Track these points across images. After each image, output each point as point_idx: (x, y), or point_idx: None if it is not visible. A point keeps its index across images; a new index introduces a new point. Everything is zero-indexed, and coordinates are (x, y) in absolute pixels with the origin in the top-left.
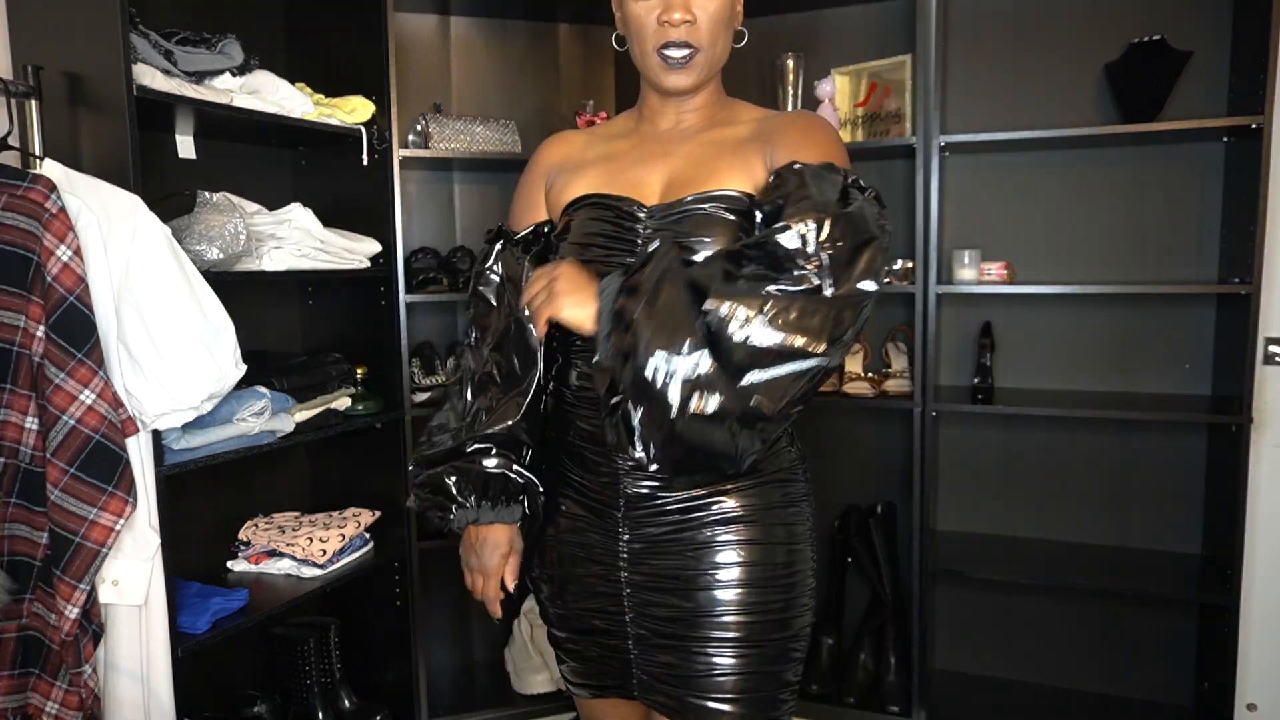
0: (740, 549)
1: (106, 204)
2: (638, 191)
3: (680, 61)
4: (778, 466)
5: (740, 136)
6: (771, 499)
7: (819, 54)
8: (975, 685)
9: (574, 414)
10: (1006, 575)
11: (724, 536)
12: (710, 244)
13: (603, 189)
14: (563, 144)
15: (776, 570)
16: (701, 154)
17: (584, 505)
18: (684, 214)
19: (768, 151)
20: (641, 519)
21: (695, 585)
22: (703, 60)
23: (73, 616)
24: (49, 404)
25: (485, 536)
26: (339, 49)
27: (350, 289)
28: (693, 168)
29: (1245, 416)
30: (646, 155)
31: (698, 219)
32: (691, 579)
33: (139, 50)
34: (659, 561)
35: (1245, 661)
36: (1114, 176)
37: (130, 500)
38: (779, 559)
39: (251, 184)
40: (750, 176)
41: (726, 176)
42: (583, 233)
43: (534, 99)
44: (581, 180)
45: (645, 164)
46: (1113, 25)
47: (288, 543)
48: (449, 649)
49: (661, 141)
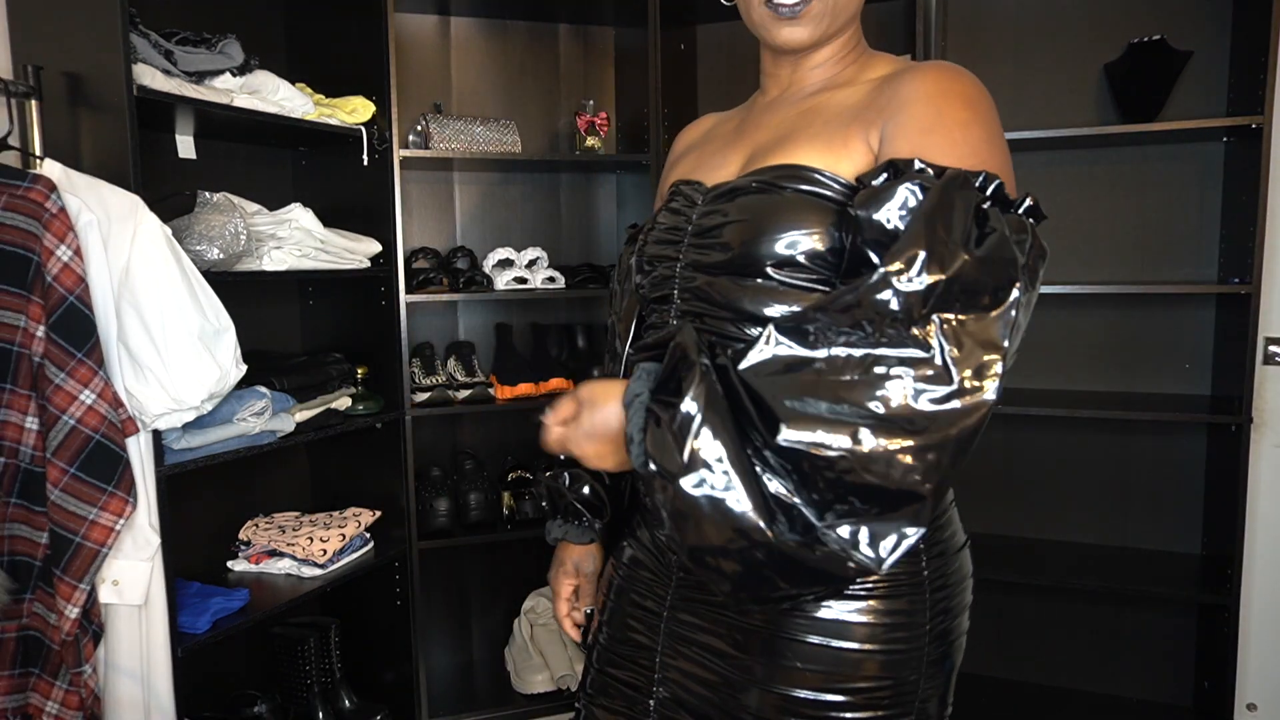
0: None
1: (106, 204)
2: (717, 173)
3: (793, 9)
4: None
5: (848, 101)
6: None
7: None
8: (975, 685)
9: None
10: (1007, 575)
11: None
12: (732, 228)
13: (687, 174)
14: (692, 129)
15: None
16: (791, 123)
17: (649, 539)
18: (730, 192)
19: (877, 122)
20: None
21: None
22: (822, 7)
23: (73, 616)
24: (49, 404)
25: (555, 553)
26: (339, 49)
27: (350, 289)
28: (773, 140)
29: (1245, 416)
30: (744, 129)
31: (743, 201)
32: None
33: (139, 50)
34: (700, 635)
35: (1245, 661)
36: (1114, 176)
37: (130, 500)
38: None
39: (251, 184)
40: (830, 149)
41: (801, 147)
42: (649, 226)
43: (534, 99)
44: (678, 167)
45: (738, 140)
46: (1113, 25)
47: (288, 542)
48: (449, 649)
49: (766, 111)
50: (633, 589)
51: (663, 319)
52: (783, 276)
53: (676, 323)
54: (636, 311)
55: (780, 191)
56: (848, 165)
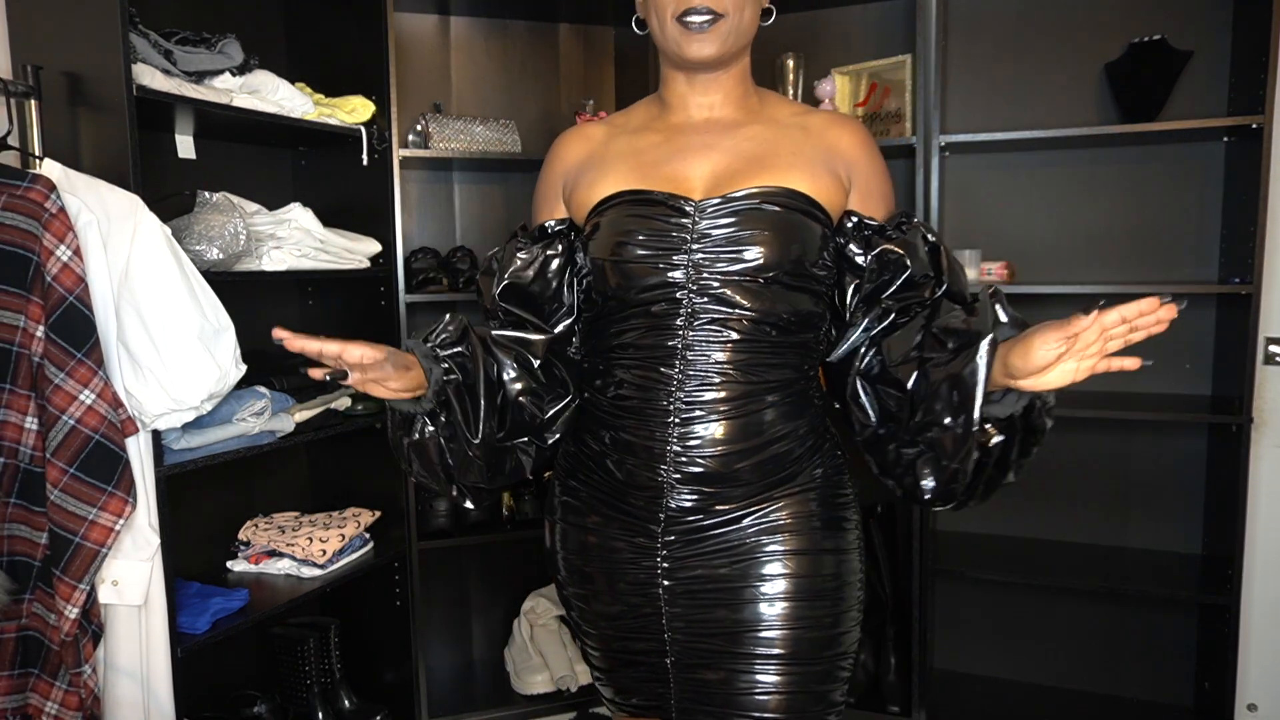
0: (786, 560)
1: (106, 204)
2: (678, 186)
3: (702, 25)
4: (824, 471)
5: (790, 135)
6: (816, 507)
7: (819, 54)
8: (975, 685)
9: (612, 422)
10: (1006, 575)
11: (770, 547)
12: (762, 240)
13: (637, 185)
14: (581, 140)
15: (825, 582)
16: (750, 148)
17: (617, 521)
18: (737, 209)
19: (839, 167)
20: (683, 532)
21: (739, 598)
22: (727, 27)
23: (72, 616)
24: (49, 404)
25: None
26: (339, 49)
27: (350, 289)
28: (740, 161)
29: (1245, 416)
30: (683, 148)
31: (751, 215)
32: (735, 591)
33: (139, 50)
34: (701, 574)
35: (1245, 661)
36: (1114, 176)
37: (130, 500)
38: (826, 570)
39: (251, 184)
40: (812, 179)
41: (784, 172)
42: (618, 232)
43: (534, 99)
44: (610, 176)
45: (683, 157)
46: (1113, 25)
47: (288, 543)
48: (449, 649)
49: (699, 133)
50: (617, 570)
51: (663, 319)
52: (791, 281)
53: (682, 320)
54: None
55: (790, 211)
56: (817, 188)
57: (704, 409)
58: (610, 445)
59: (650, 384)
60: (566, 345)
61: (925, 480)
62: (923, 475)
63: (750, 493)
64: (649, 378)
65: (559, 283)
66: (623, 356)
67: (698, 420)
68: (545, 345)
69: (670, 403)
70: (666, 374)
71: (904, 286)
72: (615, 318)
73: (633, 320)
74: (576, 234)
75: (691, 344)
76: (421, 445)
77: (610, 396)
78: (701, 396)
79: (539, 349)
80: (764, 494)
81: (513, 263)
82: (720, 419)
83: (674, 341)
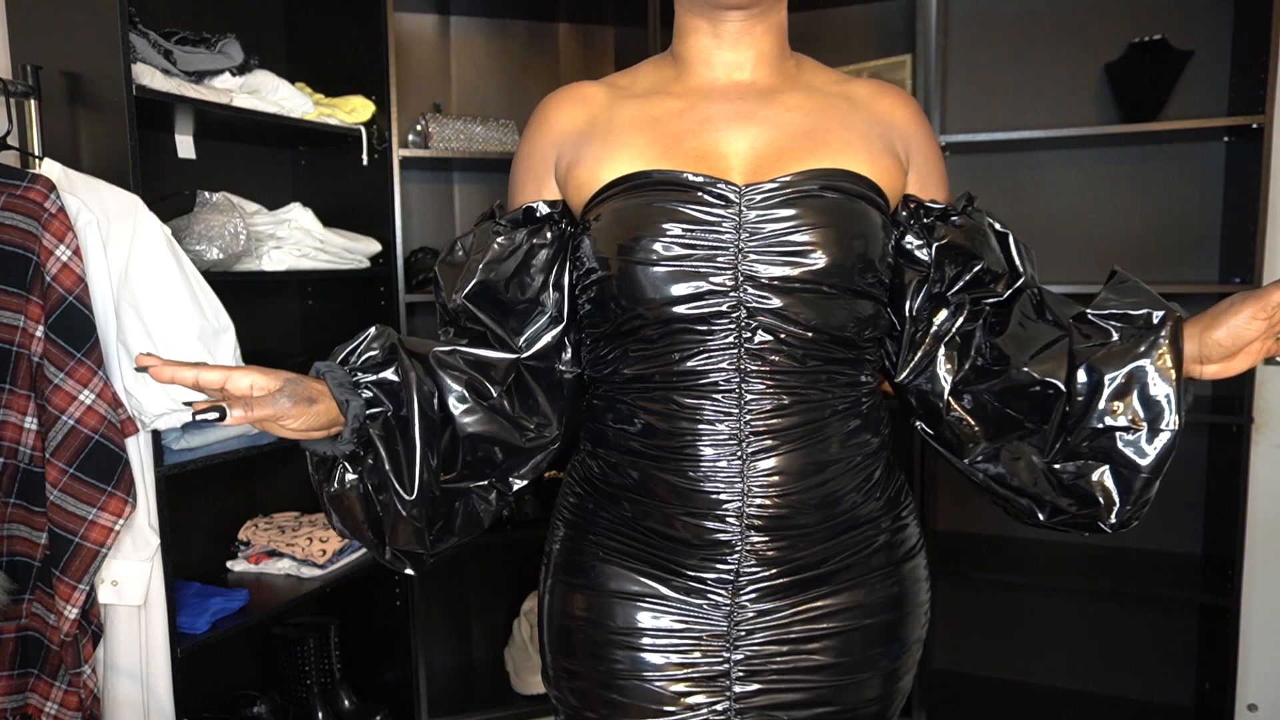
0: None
1: (106, 204)
2: (712, 167)
3: None
4: (885, 501)
5: (837, 106)
6: (888, 550)
7: (819, 54)
8: (975, 685)
9: (652, 468)
10: (1006, 575)
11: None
12: (826, 238)
13: (660, 163)
14: (577, 103)
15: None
16: (796, 121)
17: (670, 582)
18: (790, 196)
19: (896, 144)
20: (766, 591)
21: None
22: None
23: (72, 617)
24: (48, 404)
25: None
26: (339, 49)
27: (350, 289)
28: (786, 137)
29: (1245, 416)
30: (713, 117)
31: (811, 204)
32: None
33: (138, 50)
34: (792, 644)
35: (1245, 661)
36: (1114, 176)
37: (130, 500)
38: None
39: (251, 184)
40: (870, 159)
41: (839, 151)
42: (641, 224)
43: (534, 99)
44: (623, 151)
45: (715, 129)
46: (1113, 25)
47: (288, 543)
48: (449, 649)
49: (729, 99)
50: (655, 641)
51: (709, 337)
52: (858, 284)
53: (732, 338)
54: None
55: (852, 199)
56: (877, 170)
57: (775, 438)
58: (657, 492)
59: (698, 417)
60: (553, 362)
61: (1106, 497)
62: (1099, 492)
63: (826, 536)
64: (695, 408)
65: (544, 281)
66: (651, 384)
67: (765, 455)
68: (510, 368)
69: (735, 437)
70: (721, 404)
71: (973, 282)
72: (638, 335)
73: (665, 339)
74: (571, 222)
75: (748, 368)
76: (338, 497)
77: (637, 430)
78: (770, 425)
79: (500, 372)
80: (839, 537)
81: (489, 250)
82: (791, 451)
83: (725, 364)
